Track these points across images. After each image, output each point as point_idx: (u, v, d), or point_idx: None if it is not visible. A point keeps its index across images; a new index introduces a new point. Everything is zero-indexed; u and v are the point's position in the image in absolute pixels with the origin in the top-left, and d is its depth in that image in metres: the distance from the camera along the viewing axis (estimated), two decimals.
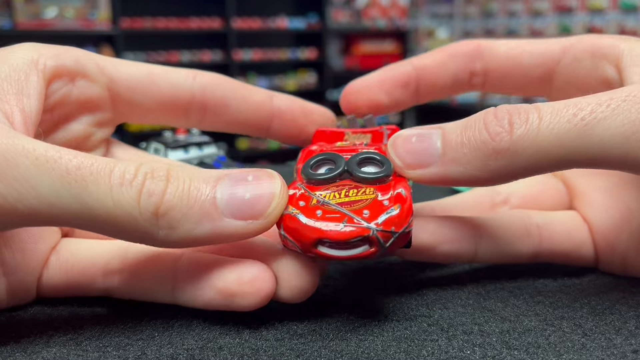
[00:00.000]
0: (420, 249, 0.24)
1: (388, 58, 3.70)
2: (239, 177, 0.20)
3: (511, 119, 0.20)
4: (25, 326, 0.22)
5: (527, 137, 0.20)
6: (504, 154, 0.20)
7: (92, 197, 0.18)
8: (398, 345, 0.20)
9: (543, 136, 0.20)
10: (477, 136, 0.21)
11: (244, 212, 0.20)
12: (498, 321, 0.22)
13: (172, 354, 0.20)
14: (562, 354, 0.20)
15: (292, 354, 0.20)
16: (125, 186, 0.19)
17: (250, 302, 0.21)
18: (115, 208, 0.19)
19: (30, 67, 0.22)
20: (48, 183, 0.18)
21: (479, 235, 0.25)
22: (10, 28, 2.59)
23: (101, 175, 0.19)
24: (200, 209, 0.19)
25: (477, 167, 0.21)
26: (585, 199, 0.27)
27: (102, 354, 0.20)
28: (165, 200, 0.19)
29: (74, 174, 0.18)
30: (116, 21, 2.79)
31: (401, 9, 3.70)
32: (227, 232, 0.20)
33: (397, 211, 0.20)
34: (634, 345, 0.20)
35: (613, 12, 2.99)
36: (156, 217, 0.19)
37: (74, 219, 0.19)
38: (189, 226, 0.19)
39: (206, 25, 3.08)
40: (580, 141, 0.19)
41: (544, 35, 3.22)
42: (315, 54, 3.42)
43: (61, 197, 0.18)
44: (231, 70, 3.14)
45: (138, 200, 0.19)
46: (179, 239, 0.19)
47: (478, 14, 3.66)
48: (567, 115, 0.20)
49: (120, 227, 0.19)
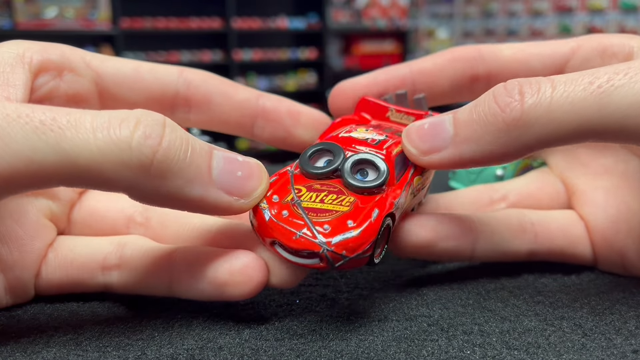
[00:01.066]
0: (419, 246, 0.24)
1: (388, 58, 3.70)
2: (230, 155, 0.20)
3: (522, 89, 0.20)
4: (26, 326, 0.22)
5: (539, 106, 0.20)
6: (516, 124, 0.20)
7: (71, 143, 0.17)
8: (398, 345, 0.20)
9: (557, 104, 0.19)
10: (487, 110, 0.21)
11: (233, 187, 0.20)
12: (498, 321, 0.22)
13: (172, 354, 0.20)
14: (562, 354, 0.20)
15: (292, 354, 0.20)
16: (112, 129, 0.18)
17: (243, 291, 0.21)
18: (100, 154, 0.17)
19: (16, 60, 0.22)
20: (22, 137, 0.17)
21: (476, 233, 0.25)
22: (10, 28, 2.59)
23: (80, 122, 0.18)
24: (197, 169, 0.19)
25: (490, 142, 0.21)
26: (584, 198, 0.27)
27: (102, 354, 0.20)
28: (163, 145, 0.18)
29: (49, 124, 0.17)
30: (116, 21, 2.79)
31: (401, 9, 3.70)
32: (213, 202, 0.20)
33: (355, 234, 0.20)
34: (634, 345, 0.20)
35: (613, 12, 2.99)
36: (150, 163, 0.18)
37: (55, 174, 0.18)
38: (180, 182, 0.18)
39: (206, 25, 3.08)
40: (596, 109, 0.19)
41: (544, 36, 3.22)
42: (315, 54, 3.42)
43: (38, 150, 0.17)
44: (231, 70, 3.14)
45: (130, 142, 0.18)
46: (167, 193, 0.19)
47: (478, 14, 3.66)
48: (583, 84, 0.19)
49: (104, 175, 0.18)
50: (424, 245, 0.24)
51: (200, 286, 0.22)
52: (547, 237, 0.26)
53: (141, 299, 0.24)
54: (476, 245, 0.25)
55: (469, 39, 3.75)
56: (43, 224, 0.24)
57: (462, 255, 0.25)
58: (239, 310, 0.23)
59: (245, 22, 3.18)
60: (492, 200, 0.28)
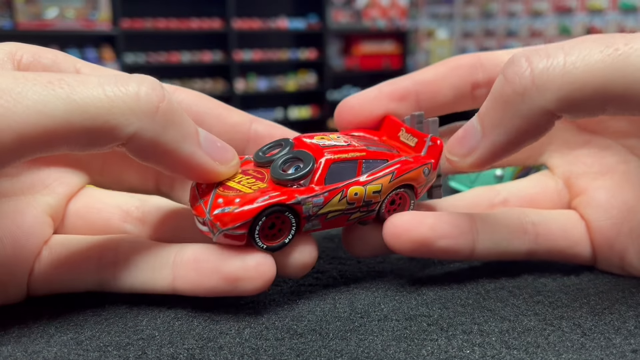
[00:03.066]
0: (419, 243, 0.24)
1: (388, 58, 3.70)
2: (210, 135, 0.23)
3: (529, 58, 0.20)
4: (26, 326, 0.22)
5: (551, 69, 0.20)
6: (530, 90, 0.20)
7: (82, 95, 0.18)
8: (398, 344, 0.21)
9: (572, 66, 0.19)
10: (500, 89, 0.21)
11: (216, 153, 0.22)
12: (497, 321, 0.22)
13: (172, 353, 0.20)
14: (562, 353, 0.20)
15: (292, 354, 0.20)
16: (119, 84, 0.19)
17: (255, 286, 0.22)
18: (110, 102, 0.19)
19: (7, 56, 0.22)
20: (33, 93, 0.18)
21: (476, 231, 0.25)
22: (11, 28, 2.59)
23: (88, 80, 0.19)
24: (189, 128, 0.21)
25: (512, 118, 0.21)
26: (586, 198, 0.27)
27: (102, 353, 0.20)
28: (166, 99, 0.20)
29: (58, 82, 0.18)
30: (116, 22, 2.80)
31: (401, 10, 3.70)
32: (201, 161, 0.22)
33: (230, 210, 0.21)
34: (633, 345, 0.20)
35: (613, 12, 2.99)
36: (155, 111, 0.20)
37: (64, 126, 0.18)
38: (177, 135, 0.21)
39: (206, 25, 3.08)
40: (614, 69, 0.19)
41: (543, 36, 3.22)
42: (315, 55, 3.42)
43: (49, 103, 0.18)
44: (231, 71, 3.14)
45: (138, 93, 0.19)
46: (165, 144, 0.20)
47: (478, 14, 3.66)
48: (600, 47, 0.19)
49: (112, 122, 0.19)
50: (422, 243, 0.24)
51: (210, 282, 0.22)
52: (548, 238, 0.26)
53: (142, 298, 0.24)
54: (476, 244, 0.25)
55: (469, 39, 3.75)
56: (40, 222, 0.24)
57: (461, 253, 0.25)
58: (239, 310, 0.23)
59: (245, 22, 3.18)
60: (493, 204, 0.28)
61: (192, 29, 3.05)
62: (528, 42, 3.27)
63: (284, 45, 3.39)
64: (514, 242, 0.25)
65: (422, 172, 0.25)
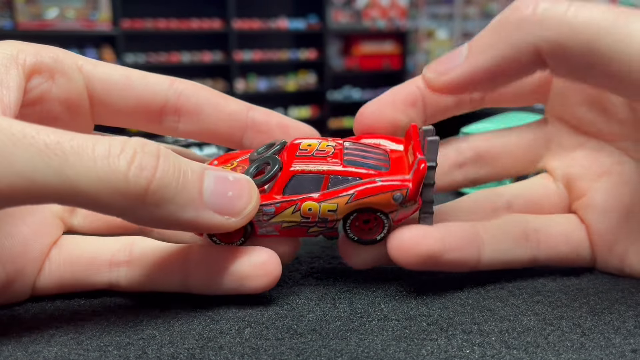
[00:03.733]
0: (426, 257, 0.23)
1: (388, 58, 3.70)
2: (222, 175, 0.21)
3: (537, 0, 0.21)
4: (27, 325, 0.22)
5: (554, 11, 0.21)
6: (528, 20, 0.21)
7: (73, 169, 0.18)
8: (398, 344, 0.21)
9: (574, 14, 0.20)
10: (500, 17, 0.22)
11: (224, 207, 0.21)
12: (497, 320, 0.22)
13: (172, 353, 0.20)
14: (561, 353, 0.20)
15: (292, 353, 0.20)
16: (112, 159, 0.18)
17: (262, 284, 0.23)
18: (100, 182, 0.18)
19: (10, 61, 0.22)
20: (26, 159, 0.18)
21: (482, 242, 0.25)
22: (11, 28, 2.59)
23: (83, 148, 0.18)
24: (189, 195, 0.20)
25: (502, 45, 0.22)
26: (585, 201, 0.27)
27: (102, 353, 0.20)
28: (157, 177, 0.19)
29: (54, 148, 0.18)
30: (117, 22, 2.80)
31: (401, 10, 3.70)
32: (206, 223, 0.21)
33: None
34: (632, 345, 0.20)
35: None
36: (145, 193, 0.19)
37: (55, 195, 0.18)
38: (174, 208, 0.20)
39: (207, 26, 3.08)
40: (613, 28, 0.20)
41: None
42: (316, 55, 3.42)
43: (40, 173, 0.18)
44: (232, 71, 3.14)
45: (126, 174, 0.19)
46: (161, 217, 0.20)
47: (478, 14, 3.66)
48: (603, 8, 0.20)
49: (102, 201, 0.19)
50: (430, 257, 0.23)
51: (220, 280, 0.23)
52: (550, 245, 0.26)
53: (142, 298, 0.24)
54: (481, 255, 0.25)
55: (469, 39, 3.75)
56: (49, 223, 0.25)
57: (467, 265, 0.25)
58: (239, 310, 0.23)
59: (245, 23, 3.18)
60: (496, 207, 0.28)
61: (192, 29, 3.05)
62: None
63: (284, 45, 3.39)
64: (517, 250, 0.25)
65: (390, 198, 0.23)
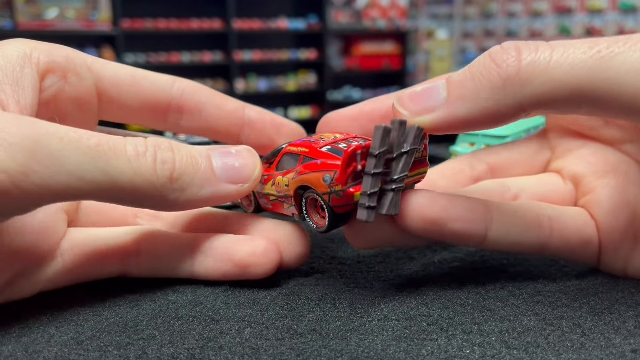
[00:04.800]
0: (428, 222, 0.23)
1: (388, 58, 3.70)
2: (224, 151, 0.24)
3: (519, 48, 0.21)
4: (27, 325, 0.22)
5: (537, 63, 0.20)
6: (512, 80, 0.20)
7: (115, 168, 0.21)
8: (398, 344, 0.21)
9: (556, 64, 0.20)
10: (482, 68, 0.21)
11: (235, 177, 0.24)
12: (497, 320, 0.22)
13: (172, 353, 0.20)
14: (561, 353, 0.20)
15: (292, 354, 0.20)
16: (140, 157, 0.21)
17: (263, 270, 0.25)
18: (136, 176, 0.21)
19: (24, 60, 0.23)
20: (75, 159, 0.20)
21: (490, 219, 0.24)
22: (11, 28, 2.59)
23: (119, 149, 0.21)
24: (203, 175, 0.23)
25: (484, 99, 0.21)
26: (593, 197, 0.26)
27: (102, 353, 0.20)
28: (177, 167, 0.22)
29: (95, 149, 0.20)
30: (117, 22, 2.80)
31: (401, 10, 3.70)
32: (224, 193, 0.24)
33: None
34: (632, 345, 0.20)
35: (612, 12, 2.99)
36: (170, 182, 0.22)
37: (100, 192, 0.21)
38: (195, 189, 0.23)
39: (206, 26, 3.08)
40: (595, 72, 0.19)
41: (543, 36, 3.22)
42: (315, 55, 3.42)
43: (88, 171, 0.20)
44: (231, 71, 3.14)
45: (154, 168, 0.22)
46: (186, 200, 0.23)
47: (477, 14, 3.66)
48: (583, 48, 0.20)
49: (140, 193, 0.21)
50: (434, 222, 0.23)
51: (224, 267, 0.25)
52: (562, 234, 0.25)
53: (142, 298, 0.25)
54: (489, 231, 0.24)
55: (469, 39, 3.75)
56: (57, 218, 0.25)
57: (473, 239, 0.24)
58: (239, 310, 0.23)
59: (245, 22, 3.19)
60: (504, 199, 0.28)
61: (192, 29, 3.05)
62: None
63: (284, 45, 3.39)
64: (528, 234, 0.25)
65: (320, 178, 0.23)
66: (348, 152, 0.22)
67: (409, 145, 0.22)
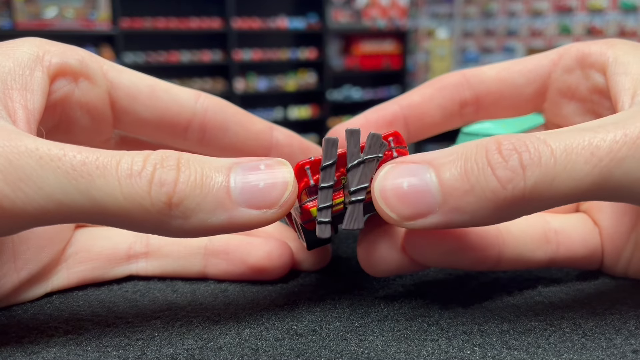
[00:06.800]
0: (447, 253, 0.23)
1: (388, 58, 3.70)
2: (251, 166, 0.20)
3: (521, 160, 0.19)
4: (26, 326, 0.22)
5: (543, 183, 0.19)
6: (519, 202, 0.19)
7: (100, 191, 0.18)
8: (398, 345, 0.21)
9: (560, 180, 0.18)
10: (485, 184, 0.19)
11: (258, 201, 0.19)
12: (498, 321, 0.22)
13: (172, 353, 0.20)
14: (562, 354, 0.20)
15: (292, 354, 0.20)
16: (134, 178, 0.18)
17: (278, 274, 0.25)
18: (125, 201, 0.18)
19: (36, 63, 0.22)
20: (54, 182, 0.18)
21: (502, 242, 0.24)
22: (10, 28, 2.59)
23: (108, 168, 0.18)
24: (215, 198, 0.19)
25: (486, 215, 0.19)
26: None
27: (102, 354, 0.20)
28: (177, 190, 0.18)
29: (80, 169, 0.18)
30: (116, 21, 2.80)
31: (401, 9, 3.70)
32: (242, 221, 0.19)
33: None
34: (634, 345, 0.20)
35: (613, 12, 2.99)
36: (169, 207, 0.18)
37: (83, 215, 0.18)
38: (203, 216, 0.19)
39: (206, 25, 3.08)
40: (599, 183, 0.19)
41: (543, 36, 3.23)
42: (315, 54, 3.42)
43: (69, 195, 0.18)
44: (231, 70, 3.14)
45: (149, 191, 0.18)
46: (192, 228, 0.19)
47: (478, 14, 3.66)
48: (584, 156, 0.18)
49: (131, 219, 0.18)
50: (449, 253, 0.23)
51: (238, 270, 0.25)
52: (569, 247, 0.25)
53: (141, 298, 0.24)
54: (502, 255, 0.24)
55: (469, 39, 3.75)
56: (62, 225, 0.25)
57: (486, 265, 0.24)
58: (239, 310, 0.23)
59: (245, 22, 3.19)
60: None
61: (191, 29, 3.05)
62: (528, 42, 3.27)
63: (284, 44, 3.39)
64: (537, 252, 0.25)
65: None
66: (296, 167, 0.21)
67: (366, 154, 0.21)
